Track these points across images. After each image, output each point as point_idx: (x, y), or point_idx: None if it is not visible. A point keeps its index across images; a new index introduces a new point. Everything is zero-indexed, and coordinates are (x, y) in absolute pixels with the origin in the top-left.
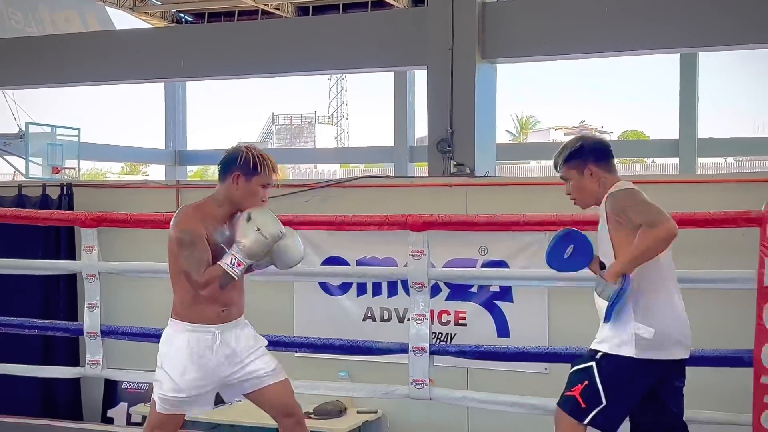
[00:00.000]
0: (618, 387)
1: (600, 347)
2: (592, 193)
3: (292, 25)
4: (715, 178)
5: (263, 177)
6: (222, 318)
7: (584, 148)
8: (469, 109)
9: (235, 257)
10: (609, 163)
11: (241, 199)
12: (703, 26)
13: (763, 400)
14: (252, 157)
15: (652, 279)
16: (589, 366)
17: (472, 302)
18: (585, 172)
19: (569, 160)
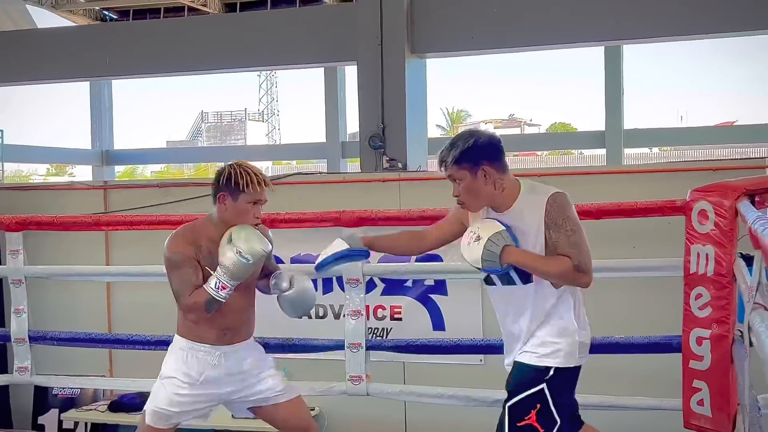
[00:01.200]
0: (565, 401)
1: (548, 363)
2: (486, 196)
3: (220, 22)
4: (641, 168)
5: (250, 194)
6: (224, 341)
7: (477, 146)
8: (399, 104)
9: (219, 280)
10: (502, 162)
11: (232, 219)
12: (627, 19)
13: (692, 384)
14: (235, 174)
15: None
16: (540, 389)
17: (408, 296)
18: (479, 173)
19: (460, 160)
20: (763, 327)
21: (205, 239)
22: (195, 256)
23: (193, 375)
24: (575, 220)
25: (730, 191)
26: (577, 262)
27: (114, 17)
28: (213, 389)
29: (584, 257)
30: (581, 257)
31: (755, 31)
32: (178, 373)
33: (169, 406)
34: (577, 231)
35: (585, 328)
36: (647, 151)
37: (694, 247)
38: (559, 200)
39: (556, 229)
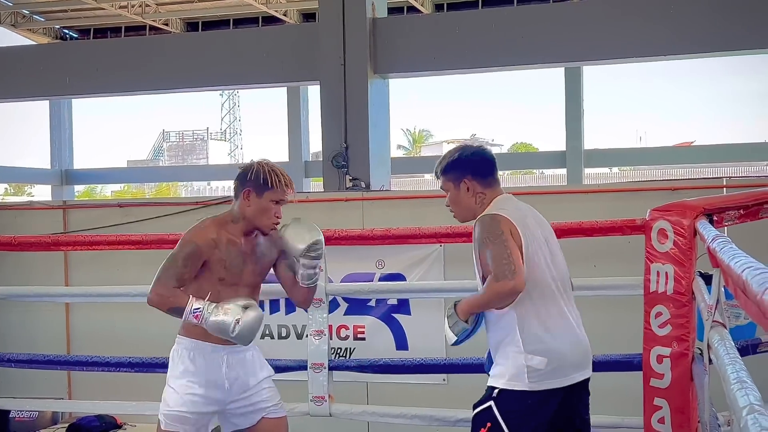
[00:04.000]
0: (520, 422)
1: (495, 383)
2: (468, 208)
3: (181, 41)
4: (601, 188)
5: (275, 192)
6: (228, 340)
7: (462, 159)
8: (362, 123)
9: (202, 313)
10: (489, 177)
11: (254, 216)
12: (587, 41)
13: (653, 402)
14: (263, 171)
15: (538, 307)
16: (488, 406)
17: (371, 316)
18: (461, 185)
19: (447, 171)
20: (722, 345)
21: (226, 233)
22: (208, 254)
23: (202, 374)
24: (495, 235)
25: (689, 210)
26: (493, 272)
27: (74, 36)
28: (220, 393)
29: (499, 266)
30: (496, 268)
31: (712, 53)
32: (187, 373)
33: (182, 406)
34: (493, 245)
35: (543, 353)
36: (607, 171)
37: (653, 265)
38: (480, 222)
39: (479, 249)
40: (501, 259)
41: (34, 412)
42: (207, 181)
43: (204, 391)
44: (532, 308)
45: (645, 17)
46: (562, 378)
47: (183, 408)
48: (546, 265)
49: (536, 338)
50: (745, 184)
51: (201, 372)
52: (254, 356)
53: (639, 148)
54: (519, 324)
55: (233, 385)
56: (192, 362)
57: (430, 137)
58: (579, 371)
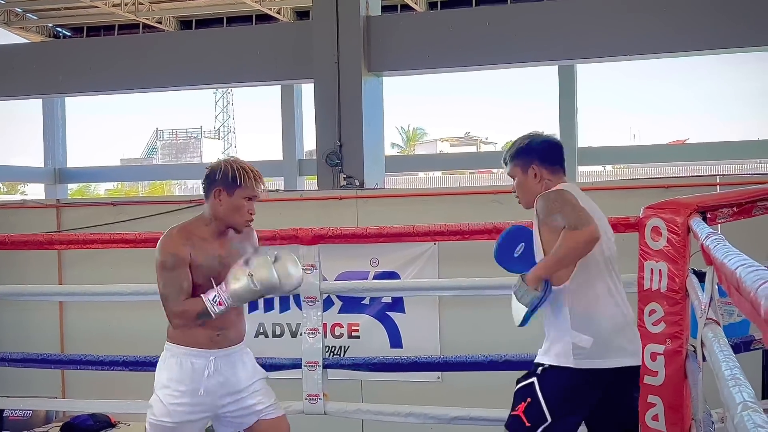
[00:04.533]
0: (561, 402)
1: (542, 360)
2: (534, 194)
3: (175, 39)
4: (595, 185)
5: (245, 189)
6: (217, 343)
7: (531, 146)
8: (356, 121)
9: (219, 296)
10: (556, 165)
11: (226, 215)
12: (580, 39)
13: (647, 399)
14: (231, 169)
15: (588, 284)
16: (531, 382)
17: (365, 314)
18: (529, 171)
19: (515, 157)
20: (716, 342)
21: (198, 238)
22: (189, 258)
23: (188, 382)
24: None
25: (683, 208)
26: (567, 223)
27: (67, 34)
28: (208, 399)
29: (574, 217)
30: (571, 219)
31: (706, 52)
32: (173, 382)
33: (166, 417)
34: (562, 206)
35: (586, 331)
36: (601, 169)
37: (647, 263)
38: (544, 197)
39: (544, 225)
40: (574, 212)
41: (28, 411)
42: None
43: (190, 399)
44: (583, 285)
45: (639, 15)
46: (608, 359)
47: (167, 418)
48: (601, 251)
49: (584, 316)
50: (739, 182)
51: (187, 379)
52: (244, 359)
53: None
54: (569, 300)
55: (220, 390)
56: (180, 369)
57: (424, 135)
58: (627, 356)
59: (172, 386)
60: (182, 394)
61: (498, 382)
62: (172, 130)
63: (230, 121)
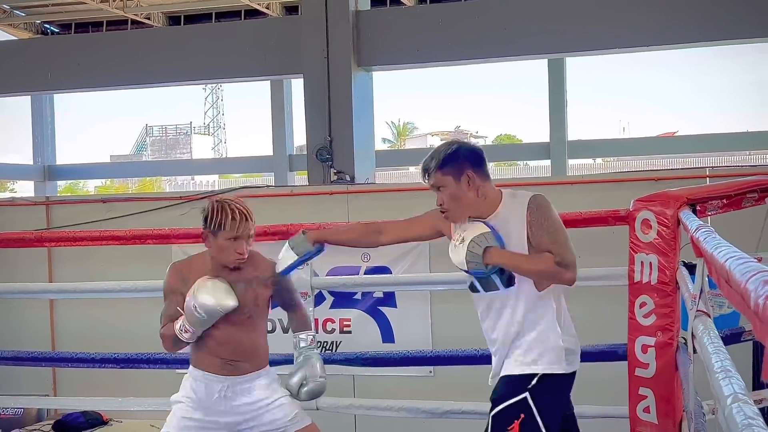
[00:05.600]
0: (553, 410)
1: (533, 370)
2: (470, 204)
3: (164, 35)
4: (585, 179)
5: (227, 232)
6: (229, 371)
7: (461, 151)
8: (346, 116)
9: (183, 323)
10: (485, 170)
11: (217, 256)
12: (569, 32)
13: (638, 392)
14: (213, 212)
15: (566, 292)
16: (523, 398)
17: (357, 309)
18: (462, 178)
19: (444, 165)
20: (706, 334)
21: (198, 274)
22: (181, 289)
23: (199, 400)
24: (556, 219)
25: (672, 200)
26: (559, 258)
27: (56, 31)
28: (219, 417)
29: (566, 254)
30: (563, 254)
31: (695, 44)
32: (185, 398)
33: (177, 430)
34: (559, 229)
35: (570, 334)
36: (591, 162)
37: (637, 255)
38: (539, 200)
39: (539, 228)
40: (567, 247)
41: (20, 409)
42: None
43: (201, 415)
44: (565, 294)
45: (629, 8)
46: (578, 362)
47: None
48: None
49: (568, 322)
50: (728, 174)
51: (200, 398)
52: (262, 382)
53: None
54: (557, 309)
55: (239, 412)
56: (192, 389)
57: (414, 129)
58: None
59: (185, 402)
60: (194, 410)
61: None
62: (162, 126)
63: (220, 117)
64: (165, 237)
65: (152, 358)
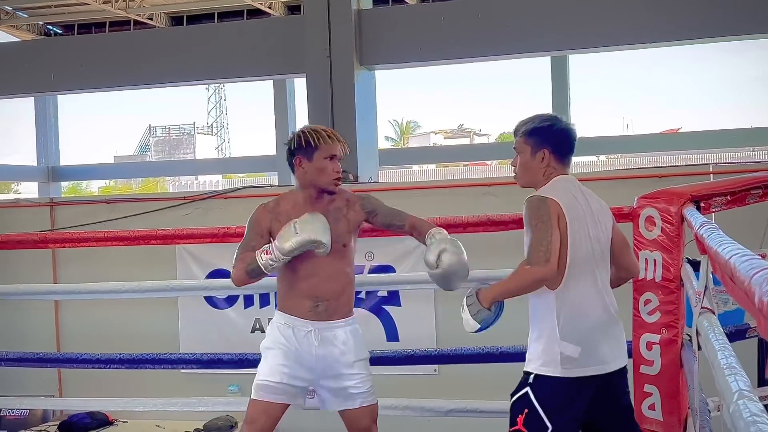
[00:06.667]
0: (558, 408)
1: (530, 368)
2: (534, 177)
3: (166, 35)
4: (588, 176)
5: (323, 149)
6: (318, 314)
7: (550, 131)
8: (349, 115)
9: (268, 247)
10: (565, 156)
11: (314, 180)
12: (572, 30)
13: (644, 389)
14: (304, 135)
15: (575, 287)
16: (525, 392)
17: (361, 308)
18: (537, 154)
19: (530, 135)
20: (711, 331)
21: (289, 206)
22: (269, 224)
23: (290, 346)
24: (539, 218)
25: (676, 197)
26: (527, 258)
27: (58, 32)
28: (307, 370)
29: (535, 251)
30: (531, 253)
31: (699, 40)
32: (276, 344)
33: (270, 376)
34: (535, 231)
35: (574, 341)
36: (594, 159)
37: (642, 253)
38: (529, 203)
39: (526, 233)
40: (539, 244)
41: (25, 410)
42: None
43: (293, 362)
44: (572, 293)
45: (631, 4)
46: (596, 366)
47: (272, 378)
48: (589, 252)
49: (572, 325)
50: (732, 170)
51: (291, 345)
52: (348, 335)
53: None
54: (557, 308)
55: (319, 364)
56: (282, 335)
57: (417, 128)
58: (614, 359)
59: (275, 347)
60: (285, 355)
61: (494, 373)
62: (165, 126)
63: (223, 117)
64: (169, 237)
65: (157, 358)
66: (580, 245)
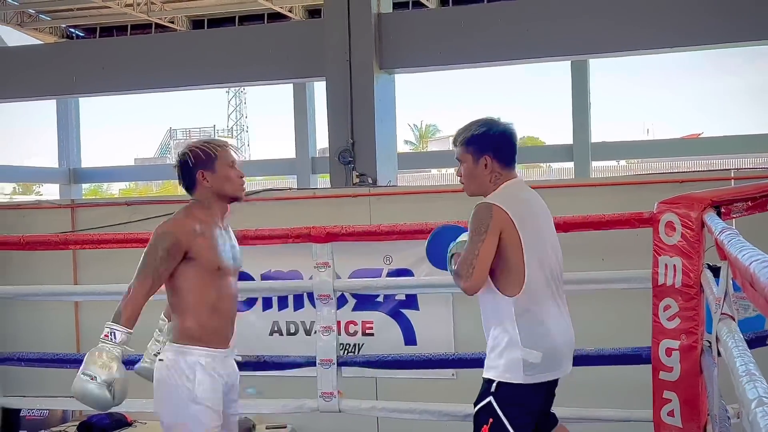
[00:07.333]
0: (520, 414)
1: (491, 375)
2: (481, 185)
3: (187, 39)
4: (609, 181)
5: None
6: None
7: (487, 135)
8: (369, 119)
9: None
10: (509, 158)
11: (221, 188)
12: (593, 33)
13: (662, 395)
14: (198, 148)
15: (537, 302)
16: (488, 402)
17: (379, 312)
18: (480, 161)
19: (468, 143)
20: (731, 337)
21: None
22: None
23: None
24: (477, 231)
25: (697, 203)
26: (456, 269)
27: (80, 35)
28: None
29: (463, 264)
30: (461, 264)
31: (720, 45)
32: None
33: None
34: (470, 241)
35: (538, 348)
36: (615, 164)
37: (661, 258)
38: (476, 209)
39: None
40: (467, 258)
41: (45, 411)
42: None
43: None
44: (530, 302)
45: (652, 9)
46: (552, 371)
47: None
48: (543, 261)
49: (533, 332)
50: (753, 176)
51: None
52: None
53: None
54: (516, 317)
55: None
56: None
57: (437, 132)
58: (566, 364)
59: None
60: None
61: None
62: (186, 129)
63: (243, 120)
64: None
65: None
66: (534, 250)
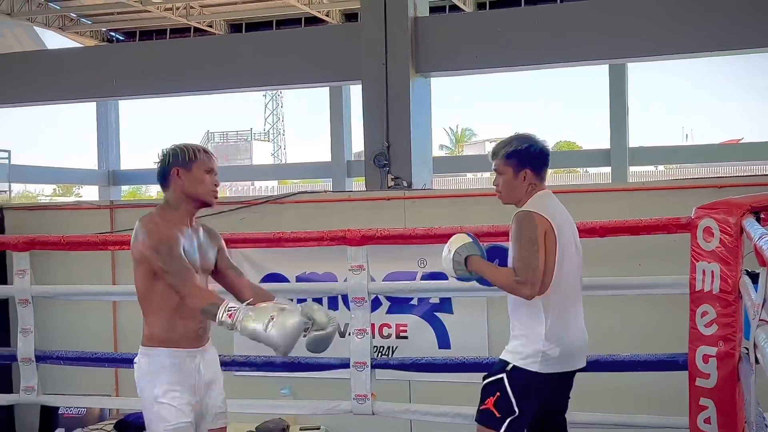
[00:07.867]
0: (527, 398)
1: (508, 358)
2: (518, 194)
3: (225, 42)
4: (646, 185)
5: (202, 161)
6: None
7: (529, 152)
8: (404, 122)
9: (238, 315)
10: (543, 172)
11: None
12: (631, 37)
13: (699, 402)
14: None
15: (564, 302)
16: (500, 378)
17: (413, 315)
18: (520, 174)
19: (510, 156)
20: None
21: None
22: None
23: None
24: (529, 238)
25: (735, 208)
26: (517, 275)
27: (120, 38)
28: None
29: (526, 272)
30: (523, 271)
31: (760, 49)
32: (174, 384)
33: (183, 417)
34: (526, 248)
35: (558, 343)
36: (652, 169)
37: (699, 264)
38: (518, 219)
39: (512, 242)
40: (529, 263)
41: (83, 409)
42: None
43: (189, 398)
44: (558, 301)
45: (691, 12)
46: (564, 365)
47: (184, 419)
48: (573, 265)
49: (556, 329)
50: None
51: (185, 380)
52: (216, 356)
53: (685, 146)
54: (545, 313)
55: (207, 388)
56: (177, 372)
57: (473, 136)
58: (578, 361)
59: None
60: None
61: None
62: (223, 132)
63: (280, 124)
64: (226, 241)
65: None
66: (568, 257)
